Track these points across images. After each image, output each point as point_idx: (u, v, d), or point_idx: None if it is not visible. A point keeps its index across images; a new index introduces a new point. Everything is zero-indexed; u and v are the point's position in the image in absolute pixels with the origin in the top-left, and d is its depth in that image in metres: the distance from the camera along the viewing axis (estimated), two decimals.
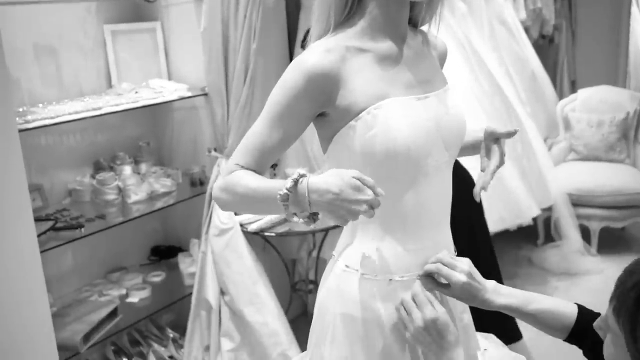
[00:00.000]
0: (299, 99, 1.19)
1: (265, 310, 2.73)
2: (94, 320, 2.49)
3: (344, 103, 1.19)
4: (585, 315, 1.26)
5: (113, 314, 2.61)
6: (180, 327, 3.03)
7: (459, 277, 1.23)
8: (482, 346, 1.43)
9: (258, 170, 1.24)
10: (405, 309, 1.20)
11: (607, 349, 1.06)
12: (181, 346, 2.94)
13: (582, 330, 1.25)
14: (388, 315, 1.25)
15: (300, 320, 3.21)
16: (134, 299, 2.87)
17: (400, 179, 1.22)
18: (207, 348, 2.80)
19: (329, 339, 1.31)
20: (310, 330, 1.38)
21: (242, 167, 1.23)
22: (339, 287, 1.29)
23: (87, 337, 2.44)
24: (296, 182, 1.11)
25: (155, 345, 2.92)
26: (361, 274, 1.26)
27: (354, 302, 1.27)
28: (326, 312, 1.32)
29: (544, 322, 1.26)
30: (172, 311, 3.16)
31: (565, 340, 1.28)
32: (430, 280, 1.26)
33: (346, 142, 1.21)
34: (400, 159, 1.19)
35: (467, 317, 1.38)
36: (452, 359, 1.16)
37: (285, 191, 1.11)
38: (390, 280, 1.25)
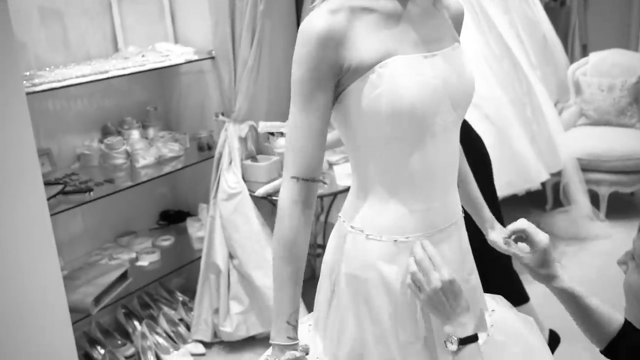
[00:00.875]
0: (318, 67, 1.16)
1: None
2: (105, 283, 2.52)
3: (353, 65, 1.17)
4: (630, 326, 1.23)
5: (123, 277, 2.64)
6: (190, 291, 3.06)
7: (543, 237, 1.29)
8: (490, 307, 1.43)
9: (317, 165, 1.21)
10: (420, 269, 1.19)
11: (630, 277, 1.07)
12: (191, 309, 2.98)
13: (621, 340, 1.24)
14: (393, 276, 1.25)
15: (308, 284, 3.18)
16: (143, 262, 2.90)
17: (407, 139, 1.21)
18: (217, 311, 2.84)
19: (335, 300, 1.32)
20: (317, 290, 1.39)
21: (299, 179, 1.20)
22: (344, 248, 1.30)
23: (98, 300, 2.47)
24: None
25: (165, 309, 2.96)
26: (366, 235, 1.26)
27: (359, 263, 1.27)
28: (332, 273, 1.33)
29: (597, 319, 1.25)
30: (181, 275, 3.19)
31: (602, 352, 1.28)
32: (511, 241, 1.33)
33: (352, 102, 1.19)
34: (405, 117, 1.17)
35: (475, 279, 1.38)
36: (464, 323, 1.16)
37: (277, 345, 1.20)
38: (395, 241, 1.25)
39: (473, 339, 1.16)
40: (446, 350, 1.19)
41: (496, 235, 1.46)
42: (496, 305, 1.47)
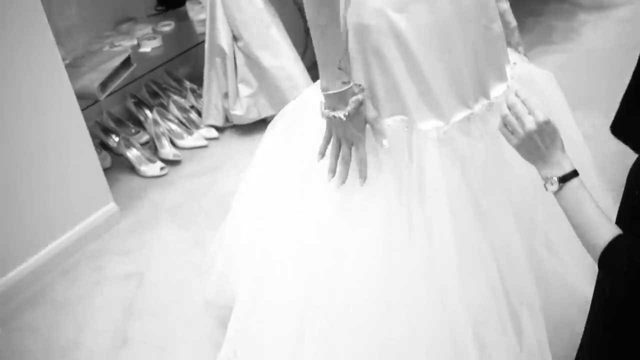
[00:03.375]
0: None
1: (280, 54, 2.66)
2: (109, 69, 2.46)
3: None
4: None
5: (127, 62, 2.57)
6: (197, 79, 3.00)
7: None
8: (511, 60, 1.38)
9: None
10: (513, 113, 1.13)
11: None
12: (200, 96, 2.95)
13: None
14: (403, 24, 1.19)
15: (316, 68, 3.15)
16: (146, 48, 2.81)
17: None
18: (226, 95, 2.80)
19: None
20: None
21: None
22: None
23: (104, 85, 2.43)
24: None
25: (175, 97, 2.93)
26: None
27: (366, 10, 1.21)
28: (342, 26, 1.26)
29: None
30: (187, 64, 3.12)
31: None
32: None
33: None
34: None
35: (497, 27, 1.30)
36: (560, 161, 1.12)
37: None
38: None
39: (573, 174, 1.11)
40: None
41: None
42: (518, 59, 1.41)
